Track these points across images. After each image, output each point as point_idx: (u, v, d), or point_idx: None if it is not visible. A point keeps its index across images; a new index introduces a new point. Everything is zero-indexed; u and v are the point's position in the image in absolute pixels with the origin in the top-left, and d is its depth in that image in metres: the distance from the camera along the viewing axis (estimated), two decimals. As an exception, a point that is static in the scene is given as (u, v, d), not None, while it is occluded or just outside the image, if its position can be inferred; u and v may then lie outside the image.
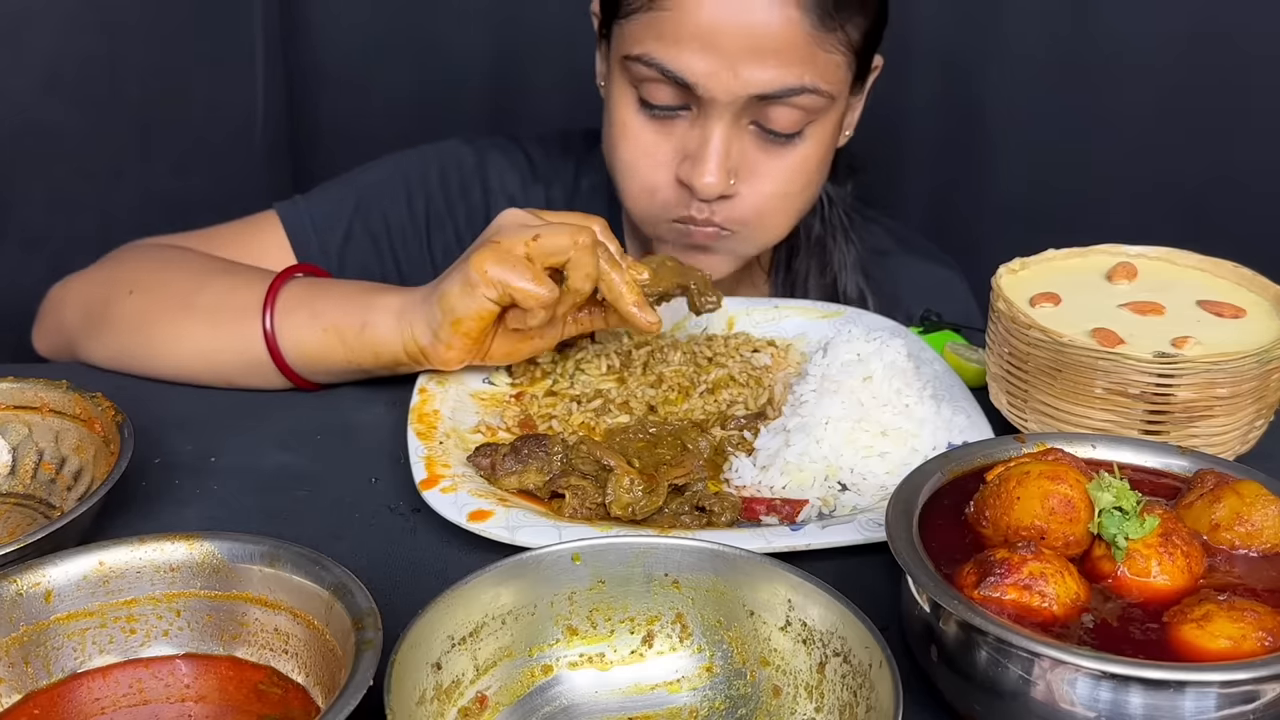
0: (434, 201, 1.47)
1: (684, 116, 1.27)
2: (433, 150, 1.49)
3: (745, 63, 1.20)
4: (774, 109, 1.24)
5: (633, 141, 1.29)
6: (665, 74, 1.23)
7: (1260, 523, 0.84)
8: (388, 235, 1.45)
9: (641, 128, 1.28)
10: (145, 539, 0.84)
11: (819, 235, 1.48)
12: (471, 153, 1.49)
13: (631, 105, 1.28)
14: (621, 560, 0.84)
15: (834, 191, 1.48)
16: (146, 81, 1.81)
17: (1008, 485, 0.84)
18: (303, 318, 1.16)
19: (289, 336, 1.16)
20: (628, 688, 0.84)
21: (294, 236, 1.40)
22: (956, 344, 1.28)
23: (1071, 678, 0.72)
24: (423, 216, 1.46)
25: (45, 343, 1.35)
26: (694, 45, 1.20)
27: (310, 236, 1.40)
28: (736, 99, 1.22)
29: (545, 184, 1.49)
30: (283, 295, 1.18)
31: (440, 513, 0.98)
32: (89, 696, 0.81)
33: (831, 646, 0.79)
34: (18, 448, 1.05)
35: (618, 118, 1.30)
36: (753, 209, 1.29)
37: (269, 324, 1.16)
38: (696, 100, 1.24)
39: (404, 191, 1.46)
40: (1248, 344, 1.01)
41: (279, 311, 1.17)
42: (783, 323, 1.32)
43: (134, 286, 1.25)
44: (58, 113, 1.76)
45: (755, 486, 1.06)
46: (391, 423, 1.15)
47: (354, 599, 0.78)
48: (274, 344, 1.17)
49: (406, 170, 1.47)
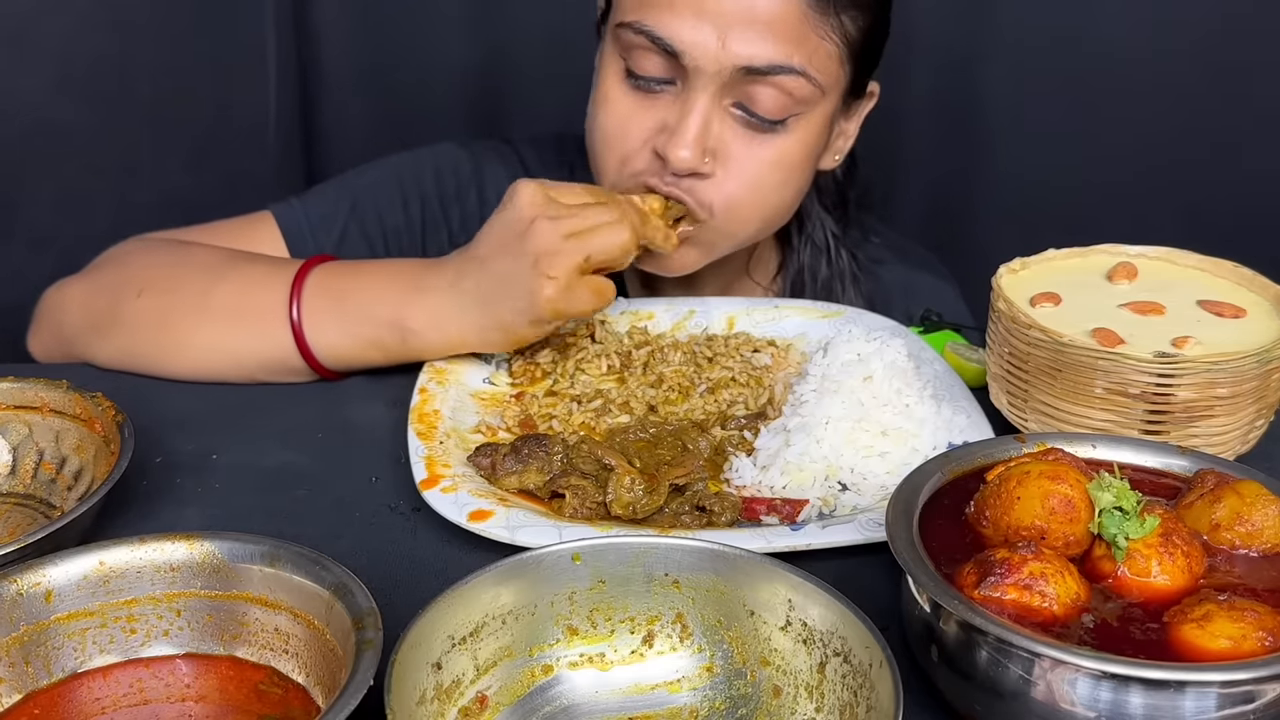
0: (429, 205, 1.47)
1: (669, 92, 1.26)
2: (428, 153, 1.50)
3: (735, 33, 1.20)
4: (759, 89, 1.22)
5: (613, 110, 1.28)
6: (654, 40, 1.22)
7: (1260, 523, 0.84)
8: (383, 237, 1.45)
9: (623, 97, 1.28)
10: (145, 539, 0.84)
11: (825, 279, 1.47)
12: (467, 157, 1.50)
13: (617, 75, 1.28)
14: (621, 560, 0.84)
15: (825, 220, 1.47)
16: (158, 81, 1.81)
17: (1008, 485, 0.84)
18: (335, 328, 1.19)
19: (322, 344, 1.19)
20: (628, 688, 0.84)
21: (290, 237, 1.40)
22: (956, 344, 1.28)
23: (1072, 678, 0.72)
24: (418, 220, 1.47)
25: (41, 347, 1.34)
26: (686, 12, 1.20)
27: (306, 237, 1.40)
28: (722, 70, 1.21)
29: None
30: (307, 295, 1.19)
31: (440, 512, 0.98)
32: (89, 696, 0.81)
33: (832, 646, 0.79)
34: (18, 448, 1.05)
35: (602, 87, 1.30)
36: (723, 195, 1.27)
37: (298, 324, 1.18)
38: (683, 73, 1.23)
39: (399, 195, 1.46)
40: (1248, 344, 1.01)
41: (307, 314, 1.19)
42: (783, 323, 1.32)
43: (143, 287, 1.24)
44: (68, 112, 1.76)
45: (755, 486, 1.06)
46: (391, 422, 1.15)
47: (354, 599, 0.78)
48: (305, 347, 1.19)
49: (402, 173, 1.48)
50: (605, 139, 1.30)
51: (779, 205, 1.33)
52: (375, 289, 1.20)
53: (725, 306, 1.34)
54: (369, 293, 1.20)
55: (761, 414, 1.16)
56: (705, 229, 1.29)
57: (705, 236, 1.30)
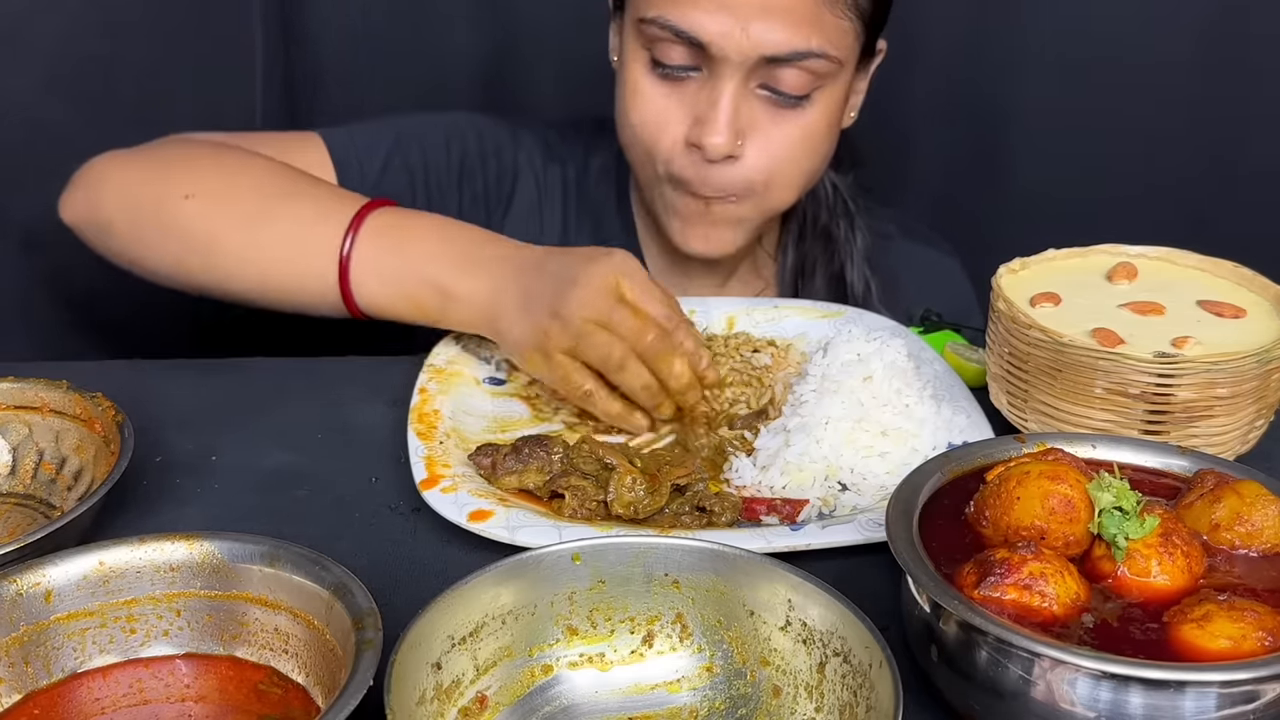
0: (469, 154, 1.48)
1: (695, 78, 1.28)
2: (470, 115, 1.53)
3: (756, 22, 1.22)
4: (783, 71, 1.26)
5: (644, 102, 1.31)
6: (678, 35, 1.25)
7: (1260, 523, 0.84)
8: (425, 172, 1.46)
9: (653, 88, 1.30)
10: (145, 539, 0.84)
11: (825, 224, 1.49)
12: (506, 126, 1.52)
13: (644, 67, 1.30)
14: (621, 560, 0.84)
15: (839, 180, 1.49)
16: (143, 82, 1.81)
17: (1008, 485, 0.84)
18: (383, 275, 1.18)
19: (365, 289, 1.19)
20: (628, 688, 0.84)
21: (338, 158, 1.40)
22: (956, 344, 1.28)
23: (1071, 678, 0.72)
24: (458, 163, 1.48)
25: (74, 214, 1.30)
26: (707, 5, 1.23)
27: (353, 161, 1.41)
28: (747, 59, 1.24)
29: (561, 163, 1.51)
30: (363, 236, 1.18)
31: (440, 513, 0.98)
32: (89, 696, 0.81)
33: (831, 646, 0.79)
34: (18, 448, 1.05)
35: (630, 81, 1.32)
36: (759, 172, 1.30)
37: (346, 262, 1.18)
38: (708, 61, 1.26)
39: (443, 136, 1.48)
40: (1248, 344, 1.01)
41: (357, 257, 1.18)
42: (783, 322, 1.32)
43: (192, 190, 1.23)
44: (58, 113, 1.76)
45: (755, 486, 1.06)
46: (391, 422, 1.15)
47: (354, 599, 0.78)
48: (347, 286, 1.19)
49: (447, 121, 1.50)
50: (637, 131, 1.33)
51: (809, 172, 1.36)
52: (430, 246, 1.19)
53: (725, 306, 1.34)
54: (422, 248, 1.19)
55: (762, 413, 1.16)
56: (741, 205, 1.33)
57: (739, 213, 1.34)
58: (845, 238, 1.49)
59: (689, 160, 1.30)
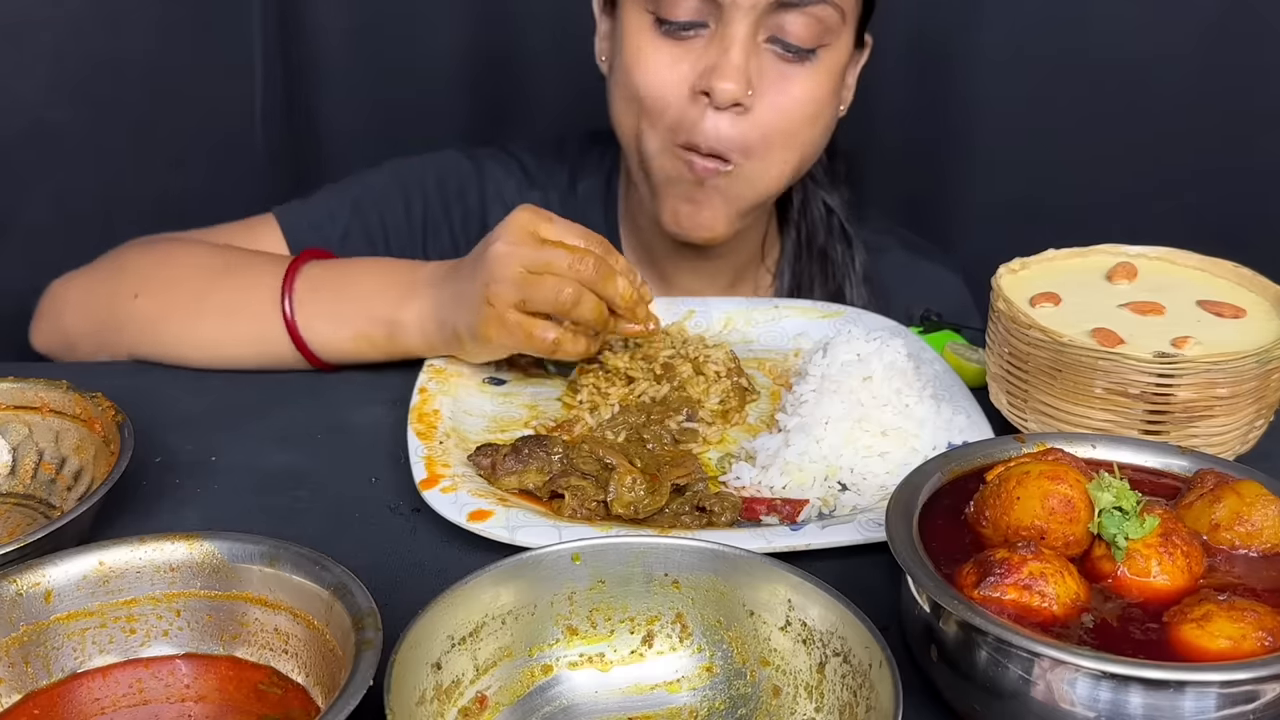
0: (431, 207, 1.49)
1: (701, 35, 1.28)
2: (430, 159, 1.52)
3: None
4: (792, 18, 1.26)
5: (649, 60, 1.30)
6: None
7: (1260, 523, 0.84)
8: (384, 237, 1.46)
9: (657, 47, 1.30)
10: (145, 539, 0.84)
11: (821, 246, 1.49)
12: (469, 162, 1.51)
13: (647, 28, 1.30)
14: (621, 560, 0.84)
15: (834, 204, 1.49)
16: (146, 82, 1.82)
17: (1008, 485, 0.84)
18: (328, 322, 1.21)
19: (316, 339, 1.22)
20: (628, 688, 0.84)
21: (291, 238, 1.42)
22: (956, 344, 1.28)
23: (1071, 678, 0.72)
24: (419, 221, 1.48)
25: (43, 340, 1.37)
26: None
27: (307, 238, 1.42)
28: (758, 3, 1.24)
29: (541, 189, 1.50)
30: (299, 289, 1.21)
31: (440, 513, 0.98)
32: (89, 696, 0.81)
33: (831, 646, 0.79)
34: (18, 448, 1.05)
35: (632, 44, 1.31)
36: (760, 127, 1.29)
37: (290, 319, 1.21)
38: (716, 12, 1.26)
39: (401, 196, 1.48)
40: (1248, 344, 1.01)
41: (299, 308, 1.21)
42: (783, 322, 1.32)
43: (139, 289, 1.27)
44: (63, 113, 1.77)
45: (755, 486, 1.06)
46: (391, 423, 1.15)
47: (354, 599, 0.78)
48: (299, 340, 1.21)
49: (404, 176, 1.49)
50: (646, 94, 1.31)
51: (808, 143, 1.35)
52: (369, 285, 1.22)
53: (725, 306, 1.34)
54: (362, 288, 1.22)
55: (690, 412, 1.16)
56: (736, 176, 1.32)
57: (734, 188, 1.33)
58: (843, 259, 1.49)
59: (695, 110, 1.28)
